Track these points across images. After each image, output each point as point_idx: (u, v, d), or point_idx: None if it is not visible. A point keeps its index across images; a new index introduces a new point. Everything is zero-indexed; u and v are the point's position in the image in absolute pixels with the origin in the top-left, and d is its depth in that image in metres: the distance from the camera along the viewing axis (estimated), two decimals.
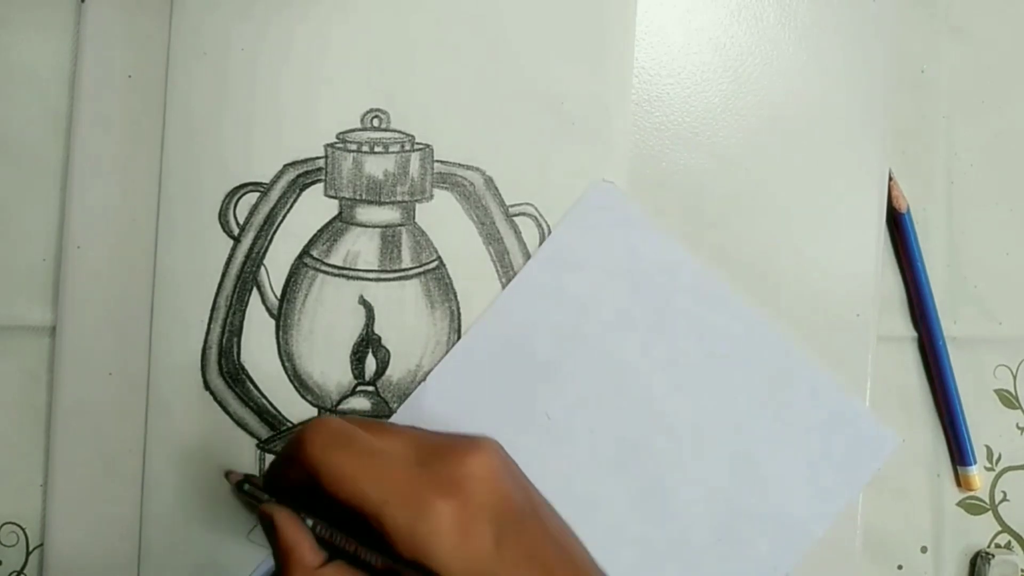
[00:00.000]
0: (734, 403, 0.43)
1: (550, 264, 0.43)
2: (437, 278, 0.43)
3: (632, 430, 0.42)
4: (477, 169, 0.43)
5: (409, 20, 0.43)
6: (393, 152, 0.43)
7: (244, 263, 0.42)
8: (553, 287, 0.43)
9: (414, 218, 0.43)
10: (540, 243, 0.43)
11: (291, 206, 0.43)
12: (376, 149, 0.42)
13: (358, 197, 0.42)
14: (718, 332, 0.43)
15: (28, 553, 0.42)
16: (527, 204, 0.43)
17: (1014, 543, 0.48)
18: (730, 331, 0.43)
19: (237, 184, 0.42)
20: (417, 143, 0.43)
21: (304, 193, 0.43)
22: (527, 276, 0.43)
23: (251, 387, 0.42)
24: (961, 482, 0.47)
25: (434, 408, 0.42)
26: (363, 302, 0.42)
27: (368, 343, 0.42)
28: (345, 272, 0.42)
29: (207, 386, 0.42)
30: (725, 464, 0.43)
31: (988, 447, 0.48)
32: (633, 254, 0.43)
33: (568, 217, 0.43)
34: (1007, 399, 0.48)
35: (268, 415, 0.42)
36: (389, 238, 0.43)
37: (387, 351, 0.43)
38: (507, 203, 0.43)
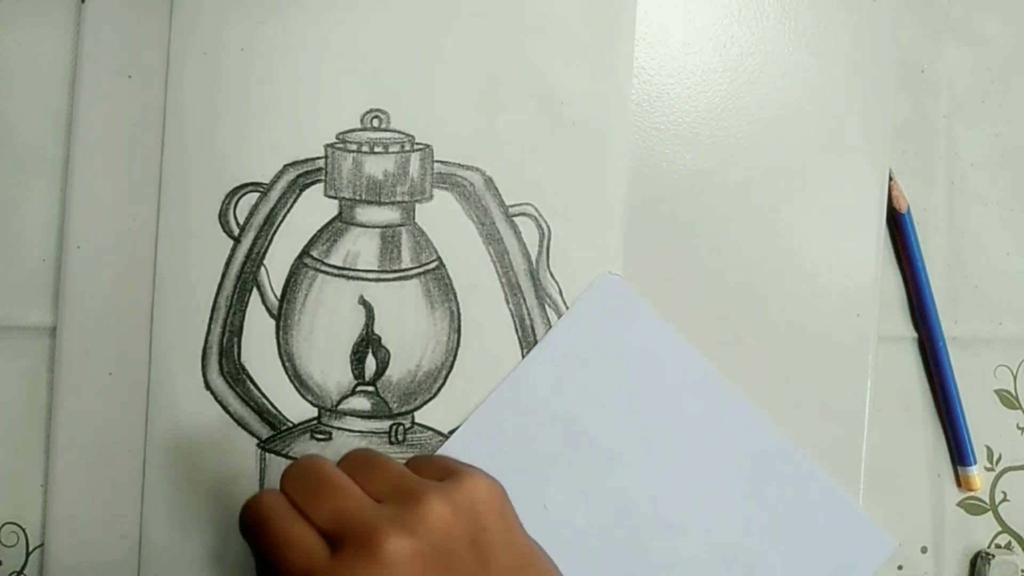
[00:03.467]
0: (733, 504, 0.43)
1: (553, 354, 0.43)
2: (437, 278, 0.43)
3: (627, 525, 0.42)
4: (477, 169, 0.43)
5: (409, 20, 0.43)
6: (393, 152, 0.43)
7: (244, 263, 0.42)
8: (555, 377, 0.43)
9: (414, 218, 0.43)
10: (540, 244, 0.43)
11: (291, 206, 0.43)
12: (376, 149, 0.42)
13: (358, 197, 0.42)
14: (721, 431, 0.43)
15: (28, 553, 0.42)
16: (527, 204, 0.43)
17: (1014, 543, 0.48)
18: (733, 431, 0.43)
19: (237, 184, 0.42)
20: (417, 143, 0.43)
21: (304, 193, 0.43)
22: (530, 365, 0.43)
23: (251, 387, 0.42)
24: (961, 482, 0.47)
25: None
26: (363, 302, 0.42)
27: (368, 343, 0.42)
28: (345, 272, 0.42)
29: (208, 386, 0.42)
30: (720, 564, 0.43)
31: (988, 447, 0.48)
32: (637, 348, 0.43)
33: (573, 308, 0.43)
34: (1007, 399, 0.48)
35: (268, 415, 0.42)
36: (389, 238, 0.43)
37: (387, 351, 0.43)
38: (507, 203, 0.43)
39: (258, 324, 0.42)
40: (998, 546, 0.48)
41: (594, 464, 0.43)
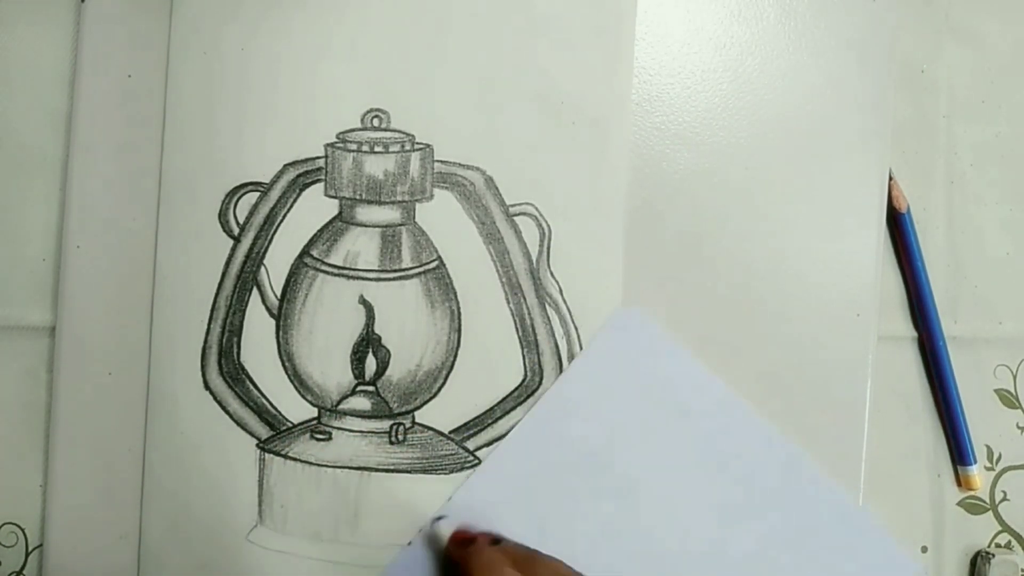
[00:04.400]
0: (759, 533, 0.43)
1: (578, 386, 0.43)
2: (437, 278, 0.43)
3: (652, 555, 0.42)
4: (477, 169, 0.43)
5: (409, 20, 0.43)
6: (393, 152, 0.43)
7: (244, 263, 0.42)
8: (580, 409, 0.43)
9: (414, 218, 0.43)
10: (540, 243, 0.43)
11: (291, 206, 0.43)
12: (376, 149, 0.42)
13: (358, 197, 0.42)
14: (744, 460, 0.43)
15: (28, 553, 0.42)
16: (527, 204, 0.43)
17: (1014, 543, 0.48)
18: (758, 458, 0.43)
19: (237, 184, 0.42)
20: (417, 143, 0.43)
21: (304, 193, 0.43)
22: (554, 397, 0.42)
23: (251, 387, 0.42)
24: (961, 482, 0.47)
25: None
26: (363, 302, 0.42)
27: (368, 343, 0.42)
28: (345, 272, 0.42)
29: (207, 386, 0.42)
30: None
31: (988, 447, 0.48)
32: (660, 380, 0.43)
33: (596, 339, 0.43)
34: (1007, 399, 0.48)
35: (268, 415, 0.42)
36: (389, 238, 0.43)
37: (387, 351, 0.42)
38: (507, 203, 0.43)
39: (258, 324, 0.42)
40: (998, 545, 0.48)
41: (619, 494, 0.43)
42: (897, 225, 0.47)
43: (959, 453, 0.47)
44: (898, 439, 0.47)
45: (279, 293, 0.42)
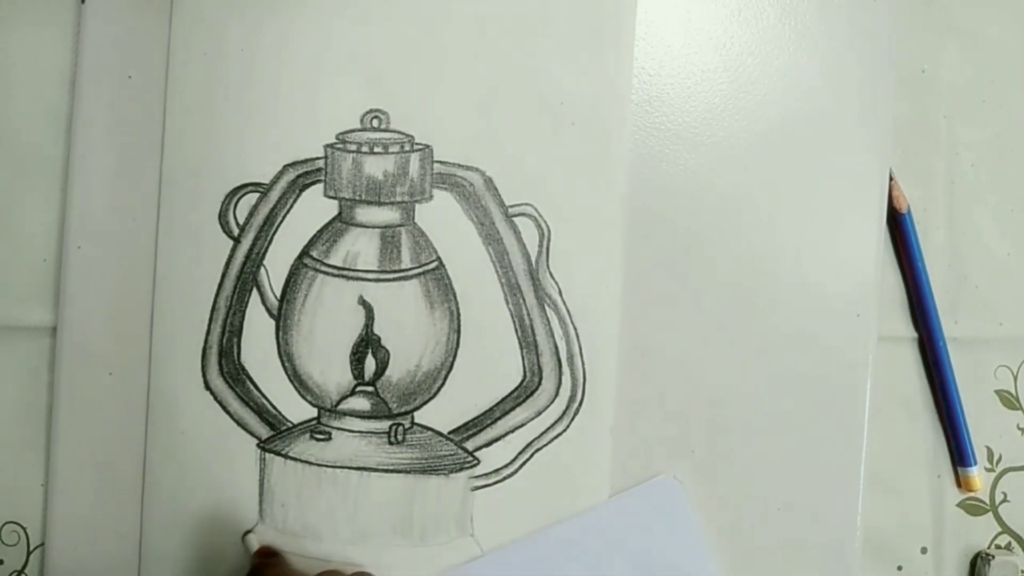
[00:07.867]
0: None
1: (587, 531, 0.42)
2: (437, 278, 0.43)
3: None
4: (477, 169, 0.43)
5: (409, 20, 0.43)
6: (393, 152, 0.43)
7: (244, 263, 0.42)
8: (574, 552, 0.42)
9: (414, 218, 0.43)
10: (540, 244, 0.43)
11: (291, 206, 0.43)
12: (376, 149, 0.42)
13: (358, 197, 0.43)
14: None
15: (29, 553, 0.43)
16: (527, 204, 0.43)
17: (1014, 544, 0.48)
18: None
19: (237, 184, 0.42)
20: (417, 143, 0.43)
21: (304, 193, 0.43)
22: (554, 535, 0.42)
23: (251, 387, 0.42)
24: (961, 483, 0.47)
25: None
26: (363, 302, 0.42)
27: (368, 343, 0.42)
28: (345, 272, 0.42)
29: (207, 386, 0.42)
30: None
31: (988, 448, 0.48)
32: (669, 561, 0.43)
33: (625, 495, 0.43)
34: (1007, 399, 0.48)
35: (268, 415, 0.42)
36: (389, 238, 0.43)
37: (387, 351, 0.43)
38: (507, 203, 0.43)
39: (258, 324, 0.42)
40: (998, 547, 0.48)
41: None
42: (897, 225, 0.47)
43: (959, 454, 0.47)
44: (898, 439, 0.47)
45: (279, 293, 0.42)
